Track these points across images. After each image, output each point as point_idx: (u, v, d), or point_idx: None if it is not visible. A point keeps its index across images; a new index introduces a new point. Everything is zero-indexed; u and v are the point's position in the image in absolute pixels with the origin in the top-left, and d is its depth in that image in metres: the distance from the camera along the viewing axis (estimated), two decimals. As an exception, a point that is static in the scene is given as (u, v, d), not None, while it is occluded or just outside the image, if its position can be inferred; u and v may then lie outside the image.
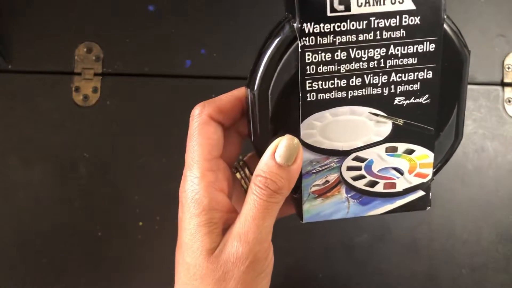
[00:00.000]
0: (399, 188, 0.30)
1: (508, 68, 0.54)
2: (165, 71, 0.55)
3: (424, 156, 0.29)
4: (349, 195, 0.29)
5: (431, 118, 0.28)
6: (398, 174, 0.29)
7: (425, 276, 0.53)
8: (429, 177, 0.29)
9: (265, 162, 0.26)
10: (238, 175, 0.31)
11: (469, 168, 0.54)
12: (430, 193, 0.30)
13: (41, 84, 0.54)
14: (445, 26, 0.27)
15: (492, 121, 0.54)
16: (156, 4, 0.55)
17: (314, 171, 0.29)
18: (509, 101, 0.54)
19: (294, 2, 0.25)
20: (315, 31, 0.26)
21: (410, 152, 0.29)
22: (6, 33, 0.55)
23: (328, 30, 0.26)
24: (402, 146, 0.29)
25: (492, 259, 0.53)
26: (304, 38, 0.26)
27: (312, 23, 0.26)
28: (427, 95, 0.28)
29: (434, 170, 0.30)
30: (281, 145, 0.26)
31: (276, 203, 0.26)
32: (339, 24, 0.26)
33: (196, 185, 0.26)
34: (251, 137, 0.28)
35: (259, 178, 0.26)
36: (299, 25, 0.26)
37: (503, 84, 0.54)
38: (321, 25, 0.26)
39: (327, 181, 0.29)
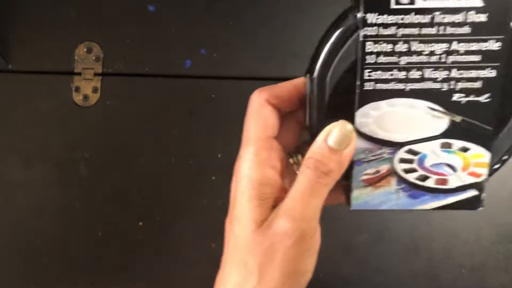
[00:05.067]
0: (451, 185, 0.29)
1: (508, 68, 0.54)
2: (165, 71, 0.55)
3: (479, 155, 0.29)
4: (399, 187, 0.29)
5: (490, 118, 0.28)
6: (451, 171, 0.29)
7: (425, 276, 0.53)
8: (484, 177, 0.29)
9: (317, 145, 0.27)
10: (291, 160, 0.31)
11: (469, 168, 0.54)
12: (484, 194, 0.29)
13: (41, 84, 0.54)
14: None
15: (492, 121, 0.54)
16: (156, 4, 0.55)
17: (365, 160, 0.29)
18: (509, 101, 0.54)
19: None
20: (377, 22, 0.26)
21: (465, 150, 0.29)
22: (6, 33, 0.55)
23: (391, 21, 0.26)
24: (457, 143, 0.28)
25: (492, 259, 0.53)
26: (366, 28, 0.26)
27: (376, 14, 0.26)
28: (488, 94, 0.27)
29: (490, 171, 0.29)
30: (334, 130, 0.27)
31: (325, 185, 0.27)
32: (402, 16, 0.26)
33: (249, 162, 0.28)
34: (306, 122, 0.29)
35: (310, 160, 0.27)
36: (363, 15, 0.26)
37: (503, 84, 0.54)
38: (384, 16, 0.26)
39: (377, 171, 0.29)
